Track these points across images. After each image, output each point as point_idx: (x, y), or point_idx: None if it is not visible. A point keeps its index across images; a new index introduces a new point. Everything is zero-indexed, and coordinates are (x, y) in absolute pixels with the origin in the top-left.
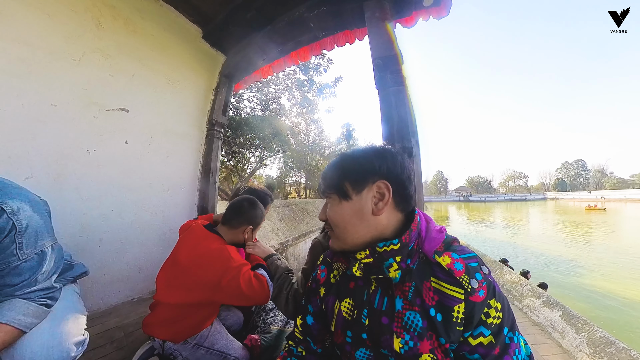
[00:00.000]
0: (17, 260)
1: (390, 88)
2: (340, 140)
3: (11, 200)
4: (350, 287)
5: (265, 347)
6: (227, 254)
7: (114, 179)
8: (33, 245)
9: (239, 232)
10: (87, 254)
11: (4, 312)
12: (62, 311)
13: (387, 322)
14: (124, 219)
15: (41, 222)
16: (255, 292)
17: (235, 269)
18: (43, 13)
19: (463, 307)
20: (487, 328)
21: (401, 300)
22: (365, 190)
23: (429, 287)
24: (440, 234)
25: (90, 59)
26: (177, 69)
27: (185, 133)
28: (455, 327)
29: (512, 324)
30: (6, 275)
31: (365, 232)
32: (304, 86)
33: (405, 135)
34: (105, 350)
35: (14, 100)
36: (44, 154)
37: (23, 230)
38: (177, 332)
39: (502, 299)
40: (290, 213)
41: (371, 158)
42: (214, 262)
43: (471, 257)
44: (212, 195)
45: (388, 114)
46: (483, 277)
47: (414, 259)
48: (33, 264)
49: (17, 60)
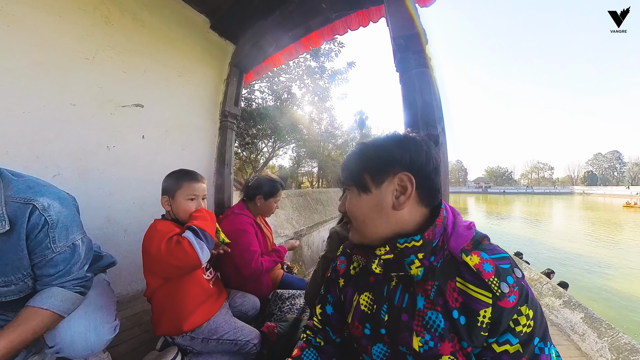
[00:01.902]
0: (52, 253)
1: (413, 70)
2: (353, 128)
3: (42, 198)
4: (370, 281)
5: (282, 334)
6: (154, 228)
7: (133, 174)
8: (65, 239)
9: (165, 206)
10: (113, 244)
11: (45, 299)
12: (95, 298)
13: (407, 319)
14: (145, 211)
15: (70, 217)
16: (175, 257)
17: (157, 238)
18: (54, 15)
19: (490, 311)
20: (515, 336)
21: (423, 298)
22: (385, 183)
23: (454, 287)
24: (469, 230)
25: (102, 57)
26: (188, 62)
27: (198, 125)
28: (480, 331)
29: (544, 333)
30: (43, 267)
31: (384, 227)
32: (315, 73)
33: (430, 122)
34: (134, 332)
35: (36, 102)
36: (68, 152)
37: (55, 225)
38: (171, 321)
39: (534, 306)
40: (304, 203)
41: (391, 148)
42: (146, 239)
43: (503, 257)
44: (228, 186)
45: (411, 98)
46: (515, 281)
47: (438, 257)
48: (66, 256)
49: (35, 63)
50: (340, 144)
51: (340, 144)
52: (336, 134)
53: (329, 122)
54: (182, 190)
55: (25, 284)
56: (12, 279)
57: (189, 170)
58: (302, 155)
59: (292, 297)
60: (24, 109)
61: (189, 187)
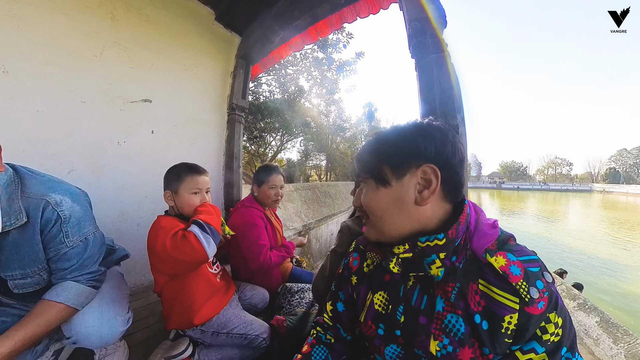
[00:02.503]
0: (65, 247)
1: (431, 55)
2: (362, 121)
3: (54, 194)
4: (385, 280)
5: (291, 328)
6: (158, 225)
7: (144, 168)
8: (78, 234)
9: (168, 201)
10: (127, 237)
11: (59, 292)
12: (108, 292)
13: (426, 322)
14: (156, 205)
15: (83, 212)
16: (181, 251)
17: (162, 234)
18: (61, 13)
19: (516, 318)
20: (542, 345)
21: (442, 300)
22: (407, 176)
23: (476, 289)
24: (494, 229)
25: (109, 54)
26: (194, 55)
27: (207, 119)
28: (504, 338)
29: (572, 343)
30: (58, 261)
31: (404, 223)
32: (323, 65)
33: (449, 111)
34: (149, 322)
35: (47, 101)
36: (81, 149)
37: (67, 220)
38: (181, 315)
39: (564, 313)
40: (312, 196)
41: (415, 137)
42: (150, 236)
43: (532, 260)
44: (237, 179)
45: (428, 86)
46: (545, 286)
47: (460, 257)
48: (79, 250)
49: (44, 62)
50: (348, 137)
51: (348, 136)
52: (345, 127)
53: (337, 114)
54: (185, 184)
55: (41, 277)
56: (28, 272)
57: (191, 164)
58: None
59: (301, 291)
60: (37, 107)
61: (192, 181)
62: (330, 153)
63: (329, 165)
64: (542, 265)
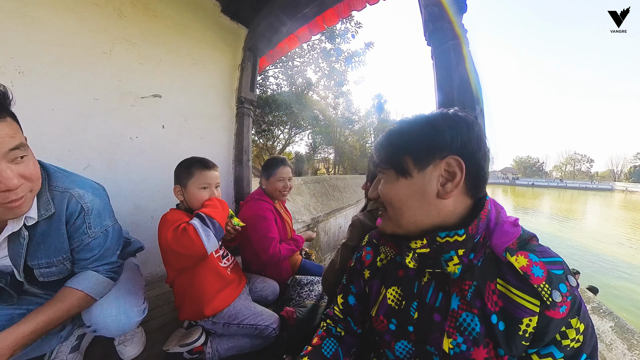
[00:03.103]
0: (88, 238)
1: (450, 42)
2: (371, 113)
3: (77, 187)
4: (399, 276)
5: (301, 319)
6: (164, 218)
7: (156, 163)
8: (99, 225)
9: (177, 196)
10: (142, 229)
11: (80, 281)
12: (125, 283)
13: (440, 319)
14: (169, 198)
15: (103, 205)
16: (181, 244)
17: (166, 227)
18: (70, 12)
19: (535, 321)
20: (561, 350)
21: (458, 298)
22: (430, 167)
23: (494, 289)
24: (515, 227)
25: (119, 50)
26: (201, 49)
27: (216, 113)
28: (521, 340)
29: (593, 350)
30: (81, 251)
31: (424, 217)
32: (331, 56)
33: (467, 102)
34: (164, 310)
35: (62, 99)
36: (96, 145)
37: (90, 212)
38: (193, 306)
39: (587, 320)
40: (321, 189)
41: (442, 127)
42: (159, 230)
43: (556, 262)
44: (247, 173)
45: (445, 75)
46: (569, 290)
47: (479, 254)
48: (100, 242)
49: (56, 61)
50: (357, 130)
51: (357, 129)
52: (353, 119)
53: (346, 107)
54: (194, 179)
55: (64, 266)
56: (53, 261)
57: (201, 158)
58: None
59: (310, 284)
60: (52, 106)
61: (200, 176)
62: (338, 146)
63: (337, 159)
64: (567, 268)
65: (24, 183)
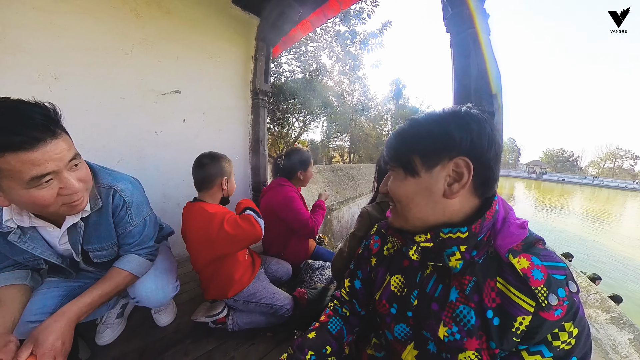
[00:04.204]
0: (130, 226)
1: (469, 30)
2: (388, 99)
3: (119, 183)
4: (403, 265)
5: (311, 300)
6: (207, 212)
7: (179, 155)
8: (138, 215)
9: (217, 189)
10: (169, 215)
11: (126, 263)
12: (161, 264)
13: (437, 309)
14: (192, 187)
15: (140, 197)
16: (244, 230)
17: (217, 218)
18: (92, 17)
19: (529, 320)
20: (550, 350)
21: (457, 291)
22: (438, 168)
23: (493, 286)
24: (521, 230)
25: (139, 50)
26: (215, 42)
27: (232, 105)
28: (512, 337)
29: (585, 355)
30: (125, 237)
31: (430, 214)
32: (346, 39)
33: (485, 97)
34: (191, 286)
35: (92, 100)
36: (126, 140)
37: (131, 204)
38: (218, 289)
39: (582, 325)
40: (335, 178)
41: (450, 127)
42: (201, 222)
43: (558, 267)
44: (263, 162)
45: (464, 66)
46: (567, 295)
47: (481, 253)
48: (140, 229)
49: (85, 65)
50: (373, 117)
51: (373, 116)
52: (369, 106)
53: (362, 93)
54: (232, 170)
55: (113, 250)
56: (104, 246)
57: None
58: (333, 129)
59: (321, 268)
60: (86, 107)
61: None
62: (353, 134)
63: (353, 147)
64: (569, 274)
65: (81, 185)
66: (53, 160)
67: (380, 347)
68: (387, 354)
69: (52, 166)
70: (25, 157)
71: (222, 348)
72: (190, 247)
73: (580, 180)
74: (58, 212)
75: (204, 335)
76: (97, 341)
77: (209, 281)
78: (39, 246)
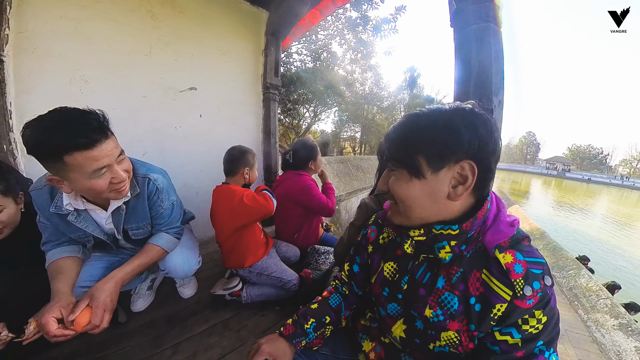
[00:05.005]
0: (161, 209)
1: (472, 26)
2: (402, 88)
3: (152, 173)
4: (397, 254)
5: (316, 280)
6: (231, 189)
7: (197, 148)
8: (167, 200)
9: (239, 176)
10: (189, 202)
11: (158, 240)
12: (186, 242)
13: (424, 293)
14: (209, 177)
15: (169, 185)
16: (259, 203)
17: (238, 193)
18: (112, 21)
19: (505, 307)
20: (519, 332)
21: (444, 280)
22: (444, 170)
23: (478, 277)
24: (510, 228)
25: (157, 50)
26: (226, 39)
27: (244, 100)
28: (490, 321)
29: (551, 341)
30: (157, 219)
31: (433, 214)
32: (357, 25)
33: (485, 94)
34: (209, 265)
35: (118, 99)
36: (149, 135)
37: (162, 191)
38: (237, 258)
39: (551, 314)
40: (344, 169)
41: (459, 129)
42: (226, 198)
43: (537, 262)
44: (274, 153)
45: (465, 62)
46: (541, 287)
47: (470, 247)
48: (169, 212)
49: (109, 67)
50: (386, 107)
51: (386, 106)
52: (382, 96)
53: (374, 81)
54: (255, 163)
55: (147, 229)
56: (140, 225)
57: None
58: (344, 120)
59: (326, 253)
60: (113, 106)
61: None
62: (365, 124)
63: (364, 137)
64: (546, 269)
65: (126, 175)
66: (107, 156)
67: (374, 319)
68: (380, 325)
69: (107, 161)
70: (88, 155)
71: (237, 317)
72: (216, 222)
73: (608, 180)
74: (108, 197)
75: (221, 306)
76: (132, 308)
77: (230, 252)
78: (90, 225)
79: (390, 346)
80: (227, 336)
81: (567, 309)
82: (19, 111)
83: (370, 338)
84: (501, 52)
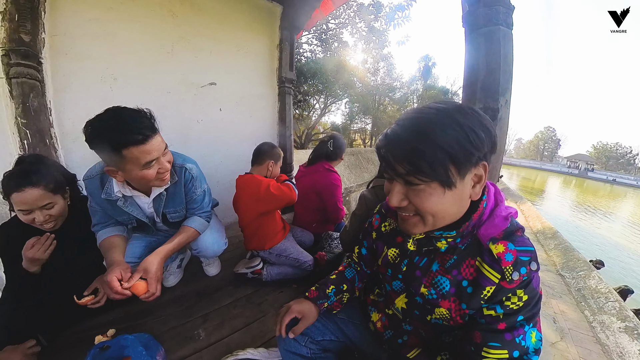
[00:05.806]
0: (194, 195)
1: (482, 29)
2: (416, 78)
3: (187, 163)
4: (397, 241)
5: (329, 261)
6: (257, 178)
7: (217, 140)
8: (200, 187)
9: (264, 167)
10: (211, 191)
11: (192, 222)
12: (214, 225)
13: (420, 275)
14: (228, 167)
15: (200, 174)
16: (284, 192)
17: (264, 183)
18: (136, 22)
19: (493, 289)
20: (502, 308)
21: (438, 265)
22: (469, 174)
23: (472, 264)
24: (504, 221)
25: (178, 48)
26: (242, 34)
27: (260, 93)
28: (480, 301)
29: (531, 317)
30: (191, 203)
31: (456, 215)
32: (370, 13)
33: (491, 94)
34: (230, 248)
35: (146, 95)
36: (173, 129)
37: (195, 179)
38: (259, 241)
39: (532, 293)
40: (355, 161)
41: (479, 132)
42: (252, 186)
43: (526, 250)
44: (289, 145)
45: (473, 64)
46: (527, 272)
47: (464, 241)
48: (201, 197)
49: (136, 65)
50: (397, 98)
51: (398, 98)
52: (394, 86)
53: (387, 72)
54: (280, 160)
55: (182, 212)
56: (177, 209)
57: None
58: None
59: (339, 238)
60: (140, 102)
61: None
62: (377, 116)
63: (375, 129)
64: (533, 256)
65: (169, 166)
66: (156, 150)
67: (381, 294)
68: (385, 299)
69: (156, 154)
70: (143, 149)
71: (258, 293)
72: (239, 208)
73: (636, 182)
74: (154, 184)
75: (243, 283)
76: (164, 284)
77: (252, 235)
78: (135, 209)
79: (393, 316)
80: (250, 308)
81: (574, 309)
82: (57, 108)
83: (377, 310)
84: (510, 53)
